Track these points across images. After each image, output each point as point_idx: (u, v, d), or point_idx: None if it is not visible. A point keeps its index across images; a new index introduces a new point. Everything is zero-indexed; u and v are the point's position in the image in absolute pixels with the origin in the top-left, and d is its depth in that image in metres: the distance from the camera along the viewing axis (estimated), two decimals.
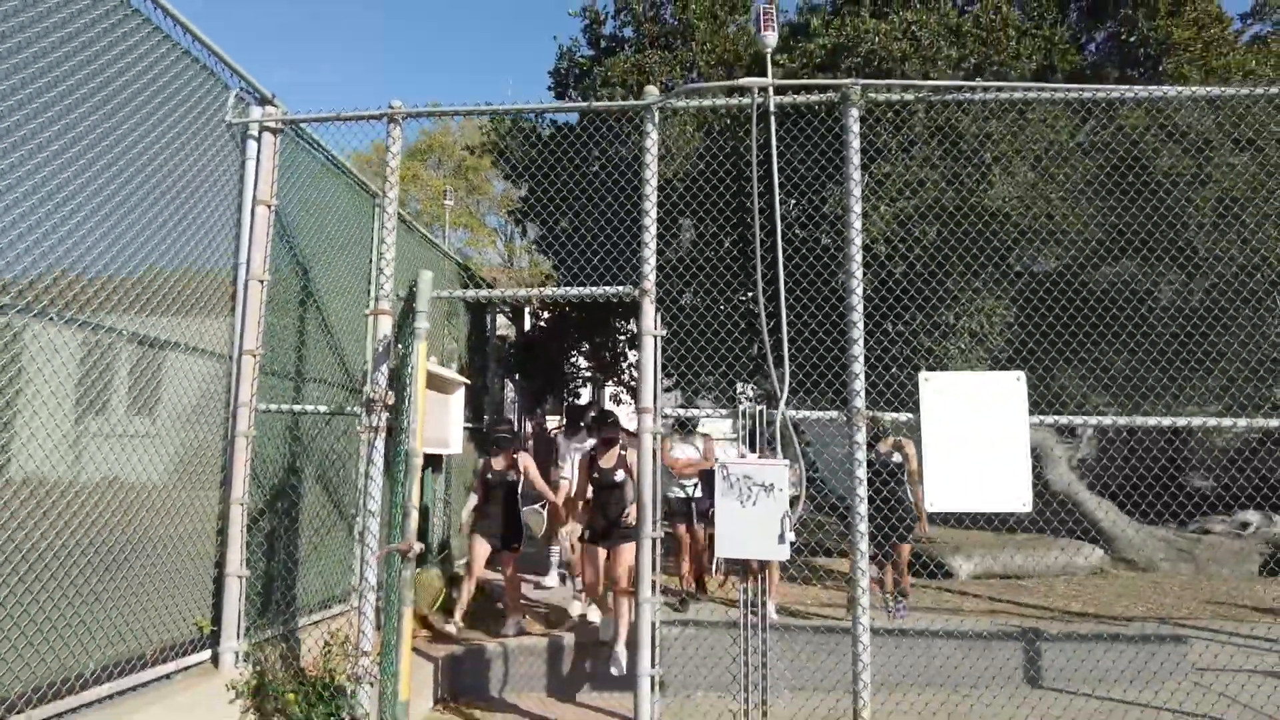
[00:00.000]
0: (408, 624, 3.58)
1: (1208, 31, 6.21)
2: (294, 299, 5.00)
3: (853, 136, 4.15)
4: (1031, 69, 6.21)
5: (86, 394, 3.48)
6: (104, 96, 3.54)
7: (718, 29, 7.14)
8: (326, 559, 5.30)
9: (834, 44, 6.20)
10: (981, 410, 3.87)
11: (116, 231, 3.59)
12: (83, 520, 3.40)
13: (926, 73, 5.86)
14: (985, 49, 5.96)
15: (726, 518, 3.75)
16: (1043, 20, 6.45)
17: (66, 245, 3.30)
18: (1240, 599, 8.26)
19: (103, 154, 3.53)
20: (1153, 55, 6.39)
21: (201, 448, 4.23)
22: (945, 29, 6.01)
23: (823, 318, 4.56)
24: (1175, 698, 4.95)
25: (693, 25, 7.13)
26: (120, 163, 3.63)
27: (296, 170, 4.98)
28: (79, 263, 3.38)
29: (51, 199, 3.24)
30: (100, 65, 3.52)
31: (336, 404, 5.28)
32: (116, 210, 3.59)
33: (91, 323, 3.47)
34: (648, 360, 4.11)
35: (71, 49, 3.36)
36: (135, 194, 3.72)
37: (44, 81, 3.22)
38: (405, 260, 6.72)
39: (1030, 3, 6.70)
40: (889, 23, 6.08)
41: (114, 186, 3.58)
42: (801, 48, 6.47)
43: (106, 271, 3.53)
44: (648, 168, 4.26)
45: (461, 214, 22.06)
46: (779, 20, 7.79)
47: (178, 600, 4.02)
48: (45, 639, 3.19)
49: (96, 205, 3.47)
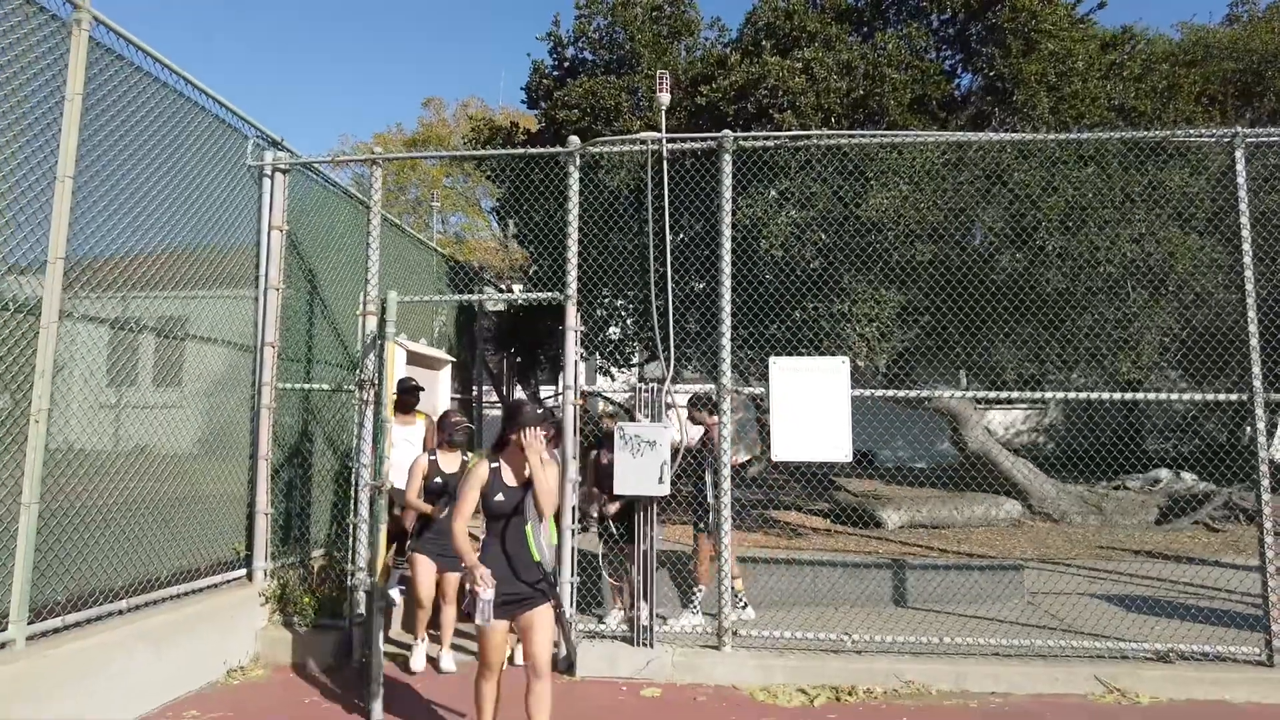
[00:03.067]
0: (382, 538, 4.98)
1: (1061, 64, 7.38)
2: (304, 299, 6.35)
3: (725, 176, 5.41)
4: (908, 98, 7.39)
5: (162, 377, 4.86)
6: (164, 160, 4.86)
7: (661, 54, 8.33)
8: (332, 504, 6.70)
9: (744, 79, 7.41)
10: (814, 385, 5.18)
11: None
12: (159, 474, 4.80)
13: (820, 104, 7.05)
14: (869, 81, 7.13)
15: (622, 465, 5.10)
16: (922, 56, 7.61)
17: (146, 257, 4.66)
18: (1126, 544, 9.59)
19: (162, 194, 4.86)
20: (1008, 88, 7.58)
21: (233, 421, 5.62)
22: (838, 64, 7.18)
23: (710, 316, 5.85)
24: (1005, 613, 6.26)
25: (639, 53, 8.33)
26: (173, 198, 4.96)
27: (308, 195, 6.28)
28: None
29: (135, 227, 4.59)
30: (165, 142, 4.84)
31: (337, 382, 6.63)
32: (185, 225, 4.94)
33: (168, 330, 4.83)
34: (570, 350, 5.43)
35: (151, 136, 4.68)
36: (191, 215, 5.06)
37: (129, 153, 4.55)
38: (399, 259, 8.08)
39: (915, 40, 7.86)
40: (791, 58, 7.27)
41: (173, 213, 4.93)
42: (719, 82, 7.68)
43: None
44: (570, 200, 5.54)
45: (457, 199, 23.37)
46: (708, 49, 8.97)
47: (222, 532, 5.43)
48: (136, 554, 4.59)
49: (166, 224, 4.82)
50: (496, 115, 20.33)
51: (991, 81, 7.85)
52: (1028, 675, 4.89)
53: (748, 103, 7.35)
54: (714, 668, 5.04)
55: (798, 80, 7.12)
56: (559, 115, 8.35)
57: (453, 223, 23.49)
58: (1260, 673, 4.83)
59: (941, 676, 4.93)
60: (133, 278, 4.66)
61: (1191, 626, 5.43)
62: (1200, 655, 5.00)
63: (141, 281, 4.74)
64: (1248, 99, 11.71)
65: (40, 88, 3.99)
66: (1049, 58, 7.46)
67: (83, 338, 4.39)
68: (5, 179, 3.79)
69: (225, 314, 5.58)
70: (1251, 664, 4.92)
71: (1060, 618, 6.00)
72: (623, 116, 8.24)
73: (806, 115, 7.42)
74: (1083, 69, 7.52)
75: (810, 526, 10.25)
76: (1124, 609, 6.19)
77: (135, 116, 4.64)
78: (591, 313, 8.26)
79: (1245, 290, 5.08)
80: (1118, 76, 7.92)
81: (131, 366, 4.80)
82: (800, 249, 6.82)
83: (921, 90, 7.56)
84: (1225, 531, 9.97)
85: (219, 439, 5.52)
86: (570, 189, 5.55)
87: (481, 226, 22.92)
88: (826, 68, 7.17)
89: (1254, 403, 5.02)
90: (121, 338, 4.70)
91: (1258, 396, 5.02)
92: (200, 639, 4.87)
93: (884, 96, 7.24)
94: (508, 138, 11.20)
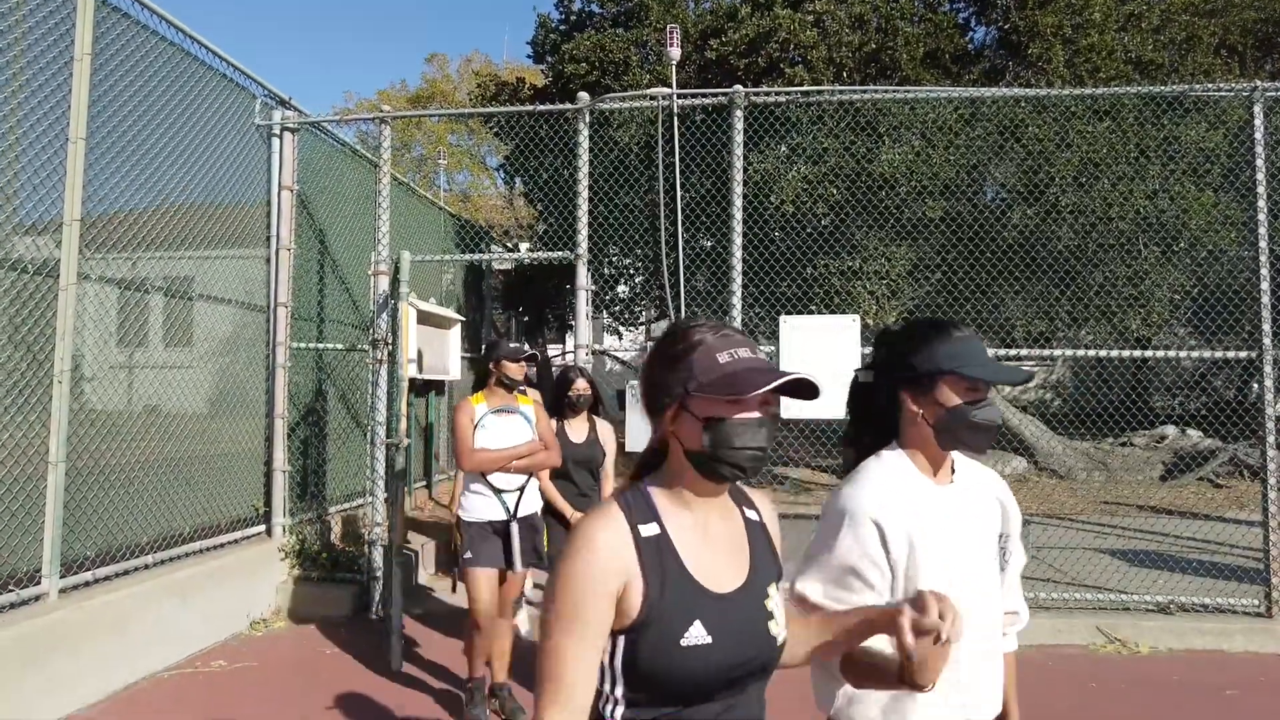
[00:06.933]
0: (400, 495, 5.08)
1: (1077, 16, 7.21)
2: (314, 259, 6.37)
3: (737, 133, 5.37)
4: (921, 52, 7.26)
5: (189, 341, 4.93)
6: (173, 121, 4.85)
7: (670, 6, 8.19)
8: (347, 462, 6.81)
9: (754, 33, 7.28)
10: (824, 343, 5.21)
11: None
12: (179, 434, 4.89)
13: (832, 57, 6.94)
14: (882, 35, 7.01)
15: (632, 422, 5.16)
16: (935, 9, 7.45)
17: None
18: (1131, 500, 9.69)
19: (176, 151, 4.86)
20: (1023, 41, 7.43)
21: (248, 380, 5.69)
22: (850, 17, 7.05)
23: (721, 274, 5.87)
24: None
25: (647, 5, 8.19)
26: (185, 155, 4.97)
27: (315, 154, 6.26)
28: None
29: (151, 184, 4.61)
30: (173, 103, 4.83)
31: (350, 341, 6.69)
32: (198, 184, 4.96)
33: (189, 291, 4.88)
34: (581, 309, 5.46)
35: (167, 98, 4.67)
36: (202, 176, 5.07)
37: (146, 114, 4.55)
38: (409, 218, 8.06)
39: None
40: (802, 11, 7.14)
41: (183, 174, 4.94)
42: (729, 35, 7.55)
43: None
44: (580, 157, 5.51)
45: (463, 156, 23.15)
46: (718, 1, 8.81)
47: (242, 489, 5.54)
48: (160, 511, 4.70)
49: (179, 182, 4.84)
50: (501, 71, 20.04)
51: (1006, 34, 7.70)
52: (1033, 626, 5.00)
53: (758, 56, 7.24)
54: None
55: (809, 34, 7.00)
56: (566, 70, 8.23)
57: (459, 181, 23.33)
58: (1258, 623, 4.93)
59: None
60: (150, 237, 4.69)
61: (1193, 580, 5.52)
62: (1200, 607, 5.10)
63: (157, 241, 4.77)
64: (1268, 50, 11.45)
65: (49, 48, 3.97)
66: (1065, 9, 7.30)
67: (99, 300, 4.44)
68: (19, 141, 3.80)
69: (238, 274, 5.62)
70: (1250, 615, 5.02)
71: (1064, 571, 6.10)
72: (631, 70, 8.12)
73: (818, 69, 7.31)
74: (1099, 20, 7.36)
75: (819, 483, 10.37)
76: (1127, 563, 6.28)
77: (144, 77, 4.61)
78: (600, 271, 8.26)
79: (1259, 247, 5.06)
80: (1135, 28, 7.75)
81: (145, 328, 4.86)
82: (811, 205, 6.79)
83: (935, 44, 7.42)
84: (1229, 487, 10.05)
85: (236, 398, 5.60)
86: (580, 146, 5.52)
87: (487, 184, 22.76)
88: (838, 21, 7.05)
89: (1262, 360, 5.03)
90: (137, 299, 4.75)
91: (1266, 354, 5.02)
92: (224, 592, 5.01)
93: (897, 50, 7.12)
94: (513, 93, 11.07)
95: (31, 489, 3.85)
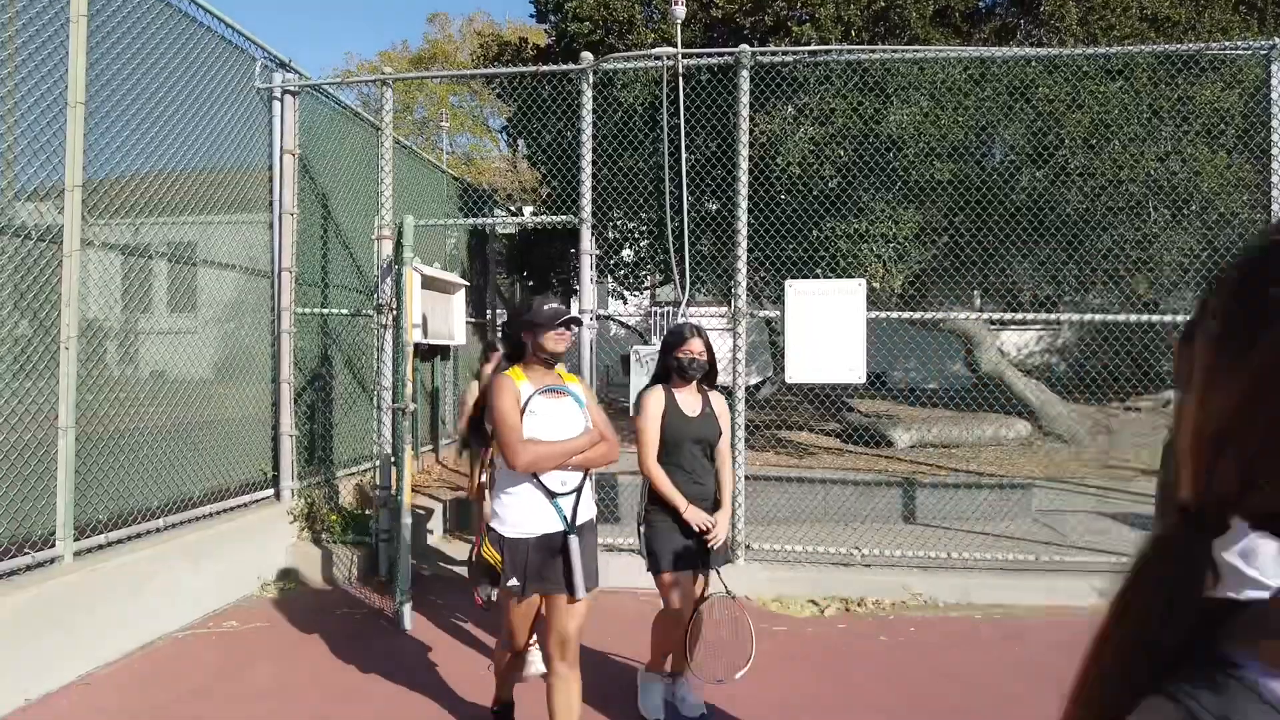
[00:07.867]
0: (408, 459, 5.11)
1: None
2: (317, 223, 6.34)
3: (743, 94, 5.29)
4: (931, 10, 7.11)
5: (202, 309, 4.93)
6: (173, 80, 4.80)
7: None
8: (354, 426, 6.86)
9: None
10: (830, 307, 5.19)
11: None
12: (187, 399, 4.92)
13: (840, 15, 6.80)
14: None
15: (637, 386, 5.18)
16: None
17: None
18: (1134, 464, 9.71)
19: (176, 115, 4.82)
20: None
21: (254, 345, 5.71)
22: None
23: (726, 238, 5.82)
24: (1012, 530, 6.42)
25: None
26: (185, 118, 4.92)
27: (316, 117, 6.19)
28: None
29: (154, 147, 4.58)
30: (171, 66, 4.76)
31: (355, 306, 6.68)
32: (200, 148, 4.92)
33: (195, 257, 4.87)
34: (585, 274, 5.44)
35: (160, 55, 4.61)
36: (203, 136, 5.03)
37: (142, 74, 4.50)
38: (412, 182, 7.99)
39: None
40: None
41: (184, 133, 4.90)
42: None
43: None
44: (584, 119, 5.44)
45: (465, 118, 22.89)
46: None
47: (250, 454, 5.59)
48: (170, 476, 4.75)
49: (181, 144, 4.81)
50: (504, 31, 19.71)
51: None
52: (1031, 589, 5.06)
53: (765, 15, 7.09)
54: (728, 580, 5.22)
55: None
56: (570, 29, 8.09)
57: (461, 143, 23.10)
58: None
59: (948, 589, 5.10)
60: (152, 202, 4.66)
61: None
62: None
63: (159, 207, 4.75)
64: None
65: (45, 9, 3.92)
66: None
67: (104, 265, 4.44)
68: (17, 106, 3.77)
69: (241, 239, 5.60)
70: None
71: (1065, 534, 6.15)
72: (636, 29, 7.98)
73: (825, 28, 7.17)
74: None
75: (821, 446, 10.41)
76: (1128, 526, 6.32)
77: (142, 39, 4.55)
78: (604, 235, 8.22)
79: (1272, 210, 5.00)
80: None
81: (149, 293, 4.87)
82: (818, 167, 6.71)
83: (945, 1, 7.27)
84: None
85: (242, 363, 5.63)
86: (584, 108, 5.45)
87: (490, 147, 22.53)
88: None
89: None
90: (141, 264, 4.75)
91: None
92: (234, 554, 5.08)
93: (906, 8, 6.98)
94: (516, 53, 10.90)
95: (44, 454, 3.89)
